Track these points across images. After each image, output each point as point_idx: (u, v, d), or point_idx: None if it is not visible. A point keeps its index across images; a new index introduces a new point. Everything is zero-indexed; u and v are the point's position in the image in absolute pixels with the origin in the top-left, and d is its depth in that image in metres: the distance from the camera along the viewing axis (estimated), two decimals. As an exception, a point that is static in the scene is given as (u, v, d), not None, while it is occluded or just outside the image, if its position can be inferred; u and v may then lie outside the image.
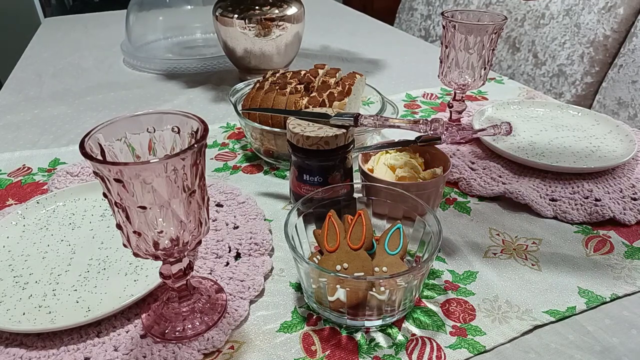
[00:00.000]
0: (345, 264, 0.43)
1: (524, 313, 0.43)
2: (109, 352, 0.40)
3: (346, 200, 0.50)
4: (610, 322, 0.43)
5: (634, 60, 1.14)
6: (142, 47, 1.12)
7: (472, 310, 0.44)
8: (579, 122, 0.75)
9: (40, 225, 0.55)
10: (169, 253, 0.38)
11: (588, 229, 0.54)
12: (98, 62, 1.11)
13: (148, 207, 0.34)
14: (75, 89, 0.97)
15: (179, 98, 0.92)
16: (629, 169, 0.64)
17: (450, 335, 0.42)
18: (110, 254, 0.50)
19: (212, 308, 0.43)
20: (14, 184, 0.65)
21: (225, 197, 0.59)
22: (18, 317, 0.43)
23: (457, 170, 0.64)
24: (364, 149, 0.58)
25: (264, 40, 0.88)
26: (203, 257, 0.50)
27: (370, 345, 0.41)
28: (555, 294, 0.46)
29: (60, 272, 0.48)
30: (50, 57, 1.16)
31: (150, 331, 0.42)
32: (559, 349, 0.40)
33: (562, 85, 1.30)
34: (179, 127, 0.37)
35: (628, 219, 0.55)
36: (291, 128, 0.51)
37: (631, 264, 0.49)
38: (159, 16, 1.16)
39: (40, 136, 0.78)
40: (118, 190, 0.33)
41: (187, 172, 0.34)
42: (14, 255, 0.50)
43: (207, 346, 0.40)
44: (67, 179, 0.64)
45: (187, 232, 0.37)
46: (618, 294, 0.45)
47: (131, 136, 0.37)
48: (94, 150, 0.34)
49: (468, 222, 0.56)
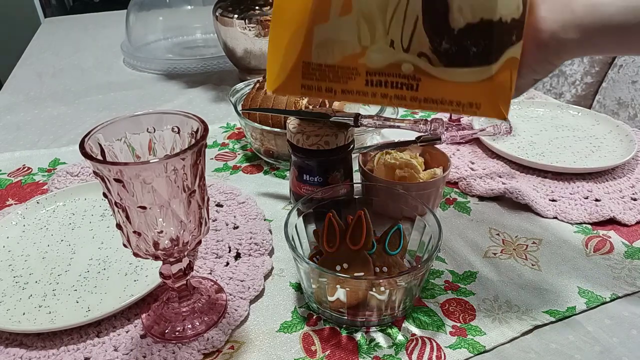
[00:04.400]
0: (345, 264, 0.43)
1: (524, 313, 0.43)
2: (109, 352, 0.40)
3: (346, 201, 0.50)
4: (610, 322, 0.43)
5: (633, 60, 1.14)
6: (142, 47, 1.12)
7: (472, 310, 0.44)
8: (579, 122, 0.75)
9: (40, 225, 0.55)
10: (169, 253, 0.38)
11: (588, 229, 0.54)
12: (98, 63, 1.12)
13: (148, 207, 0.34)
14: (75, 89, 0.97)
15: (179, 98, 0.92)
16: (629, 169, 0.64)
17: (450, 335, 0.42)
18: (110, 254, 0.50)
19: (212, 308, 0.43)
20: (14, 184, 0.65)
21: (225, 197, 0.59)
22: (18, 317, 0.43)
23: (457, 170, 0.64)
24: (364, 149, 0.58)
25: (264, 40, 0.88)
26: (203, 257, 0.50)
27: (370, 345, 0.41)
28: (555, 294, 0.46)
29: (60, 272, 0.48)
30: (50, 58, 1.16)
31: (150, 331, 0.42)
32: (559, 349, 0.40)
33: (562, 85, 1.30)
34: (179, 127, 0.37)
35: (628, 219, 0.55)
36: (291, 128, 0.51)
37: (631, 264, 0.49)
38: (159, 16, 1.16)
39: (40, 136, 0.78)
40: (118, 190, 0.33)
41: (187, 172, 0.34)
42: (14, 255, 0.50)
43: (207, 346, 0.40)
44: (67, 179, 0.64)
45: (187, 232, 0.37)
46: (618, 294, 0.45)
47: (131, 136, 0.37)
48: (94, 150, 0.34)
49: (468, 222, 0.56)
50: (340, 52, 0.39)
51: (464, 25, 0.35)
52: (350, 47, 0.38)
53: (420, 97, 0.38)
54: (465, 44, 0.36)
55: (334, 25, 0.38)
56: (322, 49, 0.39)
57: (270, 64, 0.40)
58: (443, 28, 0.36)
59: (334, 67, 0.39)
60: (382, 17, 0.37)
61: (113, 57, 1.14)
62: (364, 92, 0.40)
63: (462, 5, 0.35)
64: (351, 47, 0.38)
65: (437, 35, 0.36)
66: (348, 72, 0.39)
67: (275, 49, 0.40)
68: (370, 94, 0.40)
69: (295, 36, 0.39)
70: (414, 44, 0.37)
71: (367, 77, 0.39)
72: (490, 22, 0.35)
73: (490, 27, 0.35)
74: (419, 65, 0.37)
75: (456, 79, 0.37)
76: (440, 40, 0.36)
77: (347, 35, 0.38)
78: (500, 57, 0.36)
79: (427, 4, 0.36)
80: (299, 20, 0.38)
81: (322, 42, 0.39)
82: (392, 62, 0.38)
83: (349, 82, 0.40)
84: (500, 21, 0.35)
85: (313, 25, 0.38)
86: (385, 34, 0.37)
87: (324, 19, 0.38)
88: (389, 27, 0.37)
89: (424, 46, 0.37)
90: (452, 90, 0.38)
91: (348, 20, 0.38)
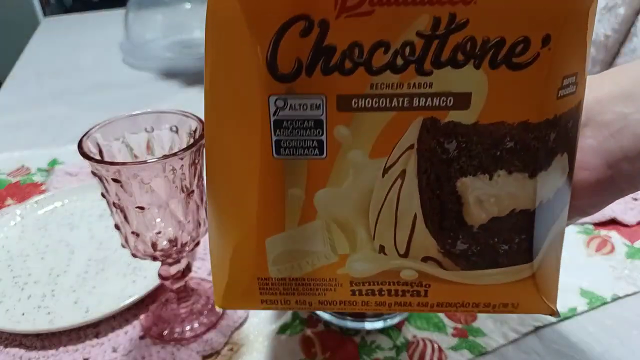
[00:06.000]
0: (345, 265, 0.42)
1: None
2: (107, 353, 0.40)
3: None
4: (611, 323, 0.43)
5: (634, 60, 1.13)
6: (141, 46, 1.12)
7: (473, 311, 0.44)
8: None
9: (38, 225, 0.55)
10: (167, 254, 0.37)
11: (589, 229, 0.54)
12: (97, 61, 1.11)
13: (146, 207, 0.34)
14: (74, 88, 0.97)
15: (177, 97, 0.91)
16: (630, 169, 0.63)
17: (451, 336, 0.41)
18: (109, 254, 0.50)
19: (211, 310, 0.43)
20: (13, 184, 0.65)
21: (224, 197, 0.59)
22: (17, 318, 0.43)
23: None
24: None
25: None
26: (202, 258, 0.50)
27: (370, 347, 0.41)
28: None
29: (59, 272, 0.48)
30: (49, 57, 1.15)
31: (148, 332, 0.42)
32: (561, 350, 0.40)
33: (563, 85, 1.30)
34: (177, 127, 0.37)
35: (629, 219, 0.54)
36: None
37: (632, 264, 0.49)
38: (158, 15, 1.16)
39: (39, 136, 0.78)
40: (116, 190, 0.33)
41: (186, 172, 0.34)
42: (12, 256, 0.50)
43: (206, 348, 0.40)
44: (66, 179, 0.64)
45: (186, 233, 0.37)
46: (619, 295, 0.45)
47: (129, 136, 0.36)
48: (92, 150, 0.34)
49: (469, 222, 0.55)
50: (309, 264, 0.28)
51: (487, 221, 0.26)
52: (323, 258, 0.28)
53: (433, 303, 0.29)
54: (492, 242, 0.26)
55: (294, 235, 0.27)
56: (281, 264, 0.28)
57: (216, 279, 0.29)
58: (456, 226, 0.26)
59: (304, 279, 0.29)
60: (364, 222, 0.26)
61: (112, 56, 1.13)
62: (352, 301, 0.29)
63: (482, 198, 0.25)
64: (324, 257, 0.28)
65: (447, 236, 0.26)
66: (325, 284, 0.29)
67: (217, 257, 0.29)
68: (361, 303, 0.29)
69: (241, 250, 0.28)
70: (414, 248, 0.27)
71: (353, 287, 0.28)
72: (527, 211, 0.25)
73: (527, 216, 0.25)
74: (425, 271, 0.27)
75: (482, 282, 0.27)
76: (454, 241, 0.26)
77: (315, 245, 0.27)
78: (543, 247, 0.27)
79: (428, 201, 0.26)
80: (242, 231, 0.27)
81: (279, 256, 0.28)
82: (385, 270, 0.28)
83: (327, 293, 0.29)
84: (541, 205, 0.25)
85: (263, 238, 0.27)
86: (371, 240, 0.27)
87: (278, 229, 0.27)
88: (375, 231, 0.26)
89: (430, 250, 0.27)
90: (477, 293, 0.28)
91: (313, 227, 0.27)
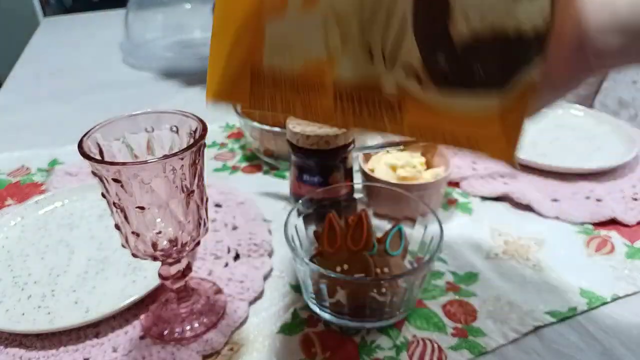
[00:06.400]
0: (345, 265, 0.43)
1: (525, 314, 0.43)
2: (107, 353, 0.40)
3: (347, 201, 0.50)
4: (611, 323, 0.43)
5: (634, 60, 1.13)
6: (141, 45, 1.12)
7: (474, 311, 0.44)
8: (581, 122, 0.74)
9: (39, 225, 0.55)
10: (167, 254, 0.37)
11: (589, 229, 0.54)
12: (97, 61, 1.11)
13: (146, 207, 0.34)
14: (74, 88, 0.97)
15: (177, 97, 0.91)
16: (630, 169, 0.63)
17: (451, 336, 0.41)
18: (109, 254, 0.50)
19: (211, 309, 0.43)
20: (13, 184, 0.65)
21: (224, 197, 0.59)
22: (17, 318, 0.43)
23: (459, 170, 0.64)
24: (364, 148, 0.58)
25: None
26: (202, 258, 0.50)
27: (370, 346, 0.41)
28: (556, 294, 0.45)
29: (59, 272, 0.48)
30: (49, 57, 1.15)
31: (149, 332, 0.42)
32: (561, 350, 0.40)
33: (563, 85, 1.30)
34: (177, 127, 0.37)
35: (629, 219, 0.54)
36: (291, 128, 0.51)
37: (632, 264, 0.49)
38: (158, 15, 1.16)
39: (39, 136, 0.78)
40: (116, 190, 0.33)
41: (186, 172, 0.34)
42: (12, 256, 0.50)
43: (206, 348, 0.40)
44: (66, 179, 0.64)
45: (186, 233, 0.37)
46: (619, 295, 0.45)
47: (129, 136, 0.36)
48: (93, 150, 0.34)
49: (469, 223, 0.55)
50: (301, 56, 0.30)
51: (468, 35, 0.26)
52: (315, 51, 0.29)
53: (405, 123, 0.29)
54: (470, 64, 0.27)
55: (293, 22, 0.29)
56: (276, 52, 0.30)
57: (212, 69, 0.32)
58: (440, 36, 0.27)
59: (292, 77, 0.30)
60: (358, 15, 0.28)
61: (112, 56, 1.13)
62: (332, 115, 0.31)
63: (467, 9, 0.26)
64: (316, 51, 0.29)
65: (431, 47, 0.27)
66: (310, 84, 0.30)
67: (217, 52, 0.32)
68: (341, 118, 0.30)
69: (241, 33, 0.30)
70: (400, 54, 0.28)
71: (336, 90, 0.30)
72: (505, 32, 0.26)
73: (504, 39, 0.26)
74: (404, 86, 0.28)
75: (452, 107, 0.28)
76: (435, 52, 0.27)
77: (311, 36, 0.29)
78: (514, 81, 0.26)
79: (420, 2, 0.27)
80: (246, 14, 0.30)
81: (276, 43, 0.30)
82: (368, 79, 0.29)
83: (312, 95, 0.30)
84: (519, 31, 0.26)
85: (264, 21, 0.29)
86: (361, 35, 0.28)
87: (280, 13, 0.29)
88: (366, 26, 0.28)
89: (413, 59, 0.27)
90: (446, 121, 0.29)
91: (312, 18, 0.28)
